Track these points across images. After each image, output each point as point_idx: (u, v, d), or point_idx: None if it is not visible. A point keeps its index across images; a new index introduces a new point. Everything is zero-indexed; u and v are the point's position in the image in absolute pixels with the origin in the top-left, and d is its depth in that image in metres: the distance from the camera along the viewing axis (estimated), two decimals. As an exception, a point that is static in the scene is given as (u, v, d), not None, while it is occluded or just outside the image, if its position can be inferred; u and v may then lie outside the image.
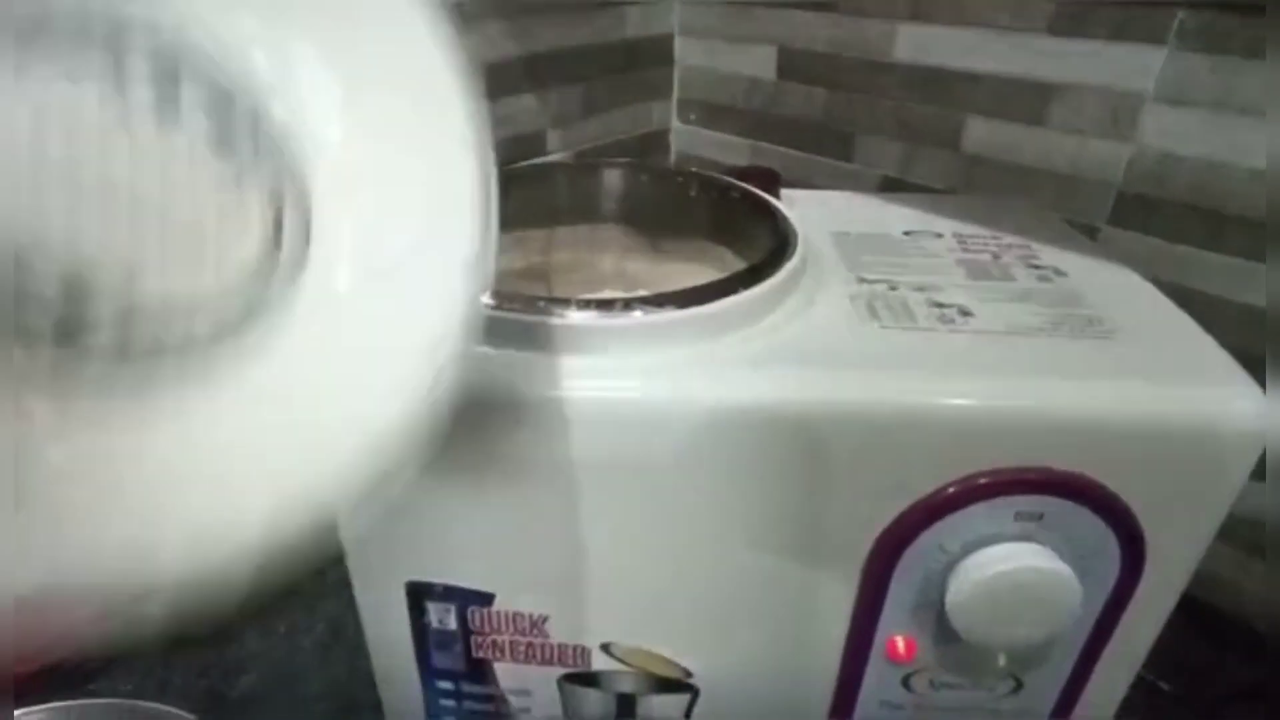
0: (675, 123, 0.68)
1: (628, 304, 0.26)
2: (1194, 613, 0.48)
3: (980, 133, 0.51)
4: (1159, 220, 0.45)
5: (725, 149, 0.65)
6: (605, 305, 0.26)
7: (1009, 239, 0.35)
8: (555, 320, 0.26)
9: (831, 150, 0.59)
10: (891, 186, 0.56)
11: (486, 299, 0.26)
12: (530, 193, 0.38)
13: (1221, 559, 0.47)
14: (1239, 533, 0.47)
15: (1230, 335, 0.27)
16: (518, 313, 0.26)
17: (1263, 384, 0.25)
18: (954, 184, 0.53)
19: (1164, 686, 0.44)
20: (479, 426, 0.26)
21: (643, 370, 0.25)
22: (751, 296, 0.27)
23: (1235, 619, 0.48)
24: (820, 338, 0.27)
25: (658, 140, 0.68)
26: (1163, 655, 0.41)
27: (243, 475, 0.16)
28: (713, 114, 0.66)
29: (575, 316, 0.26)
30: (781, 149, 0.61)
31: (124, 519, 0.15)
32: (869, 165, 0.57)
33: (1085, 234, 0.38)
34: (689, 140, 0.68)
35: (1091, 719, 0.32)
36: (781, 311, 0.28)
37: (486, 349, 0.26)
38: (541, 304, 0.26)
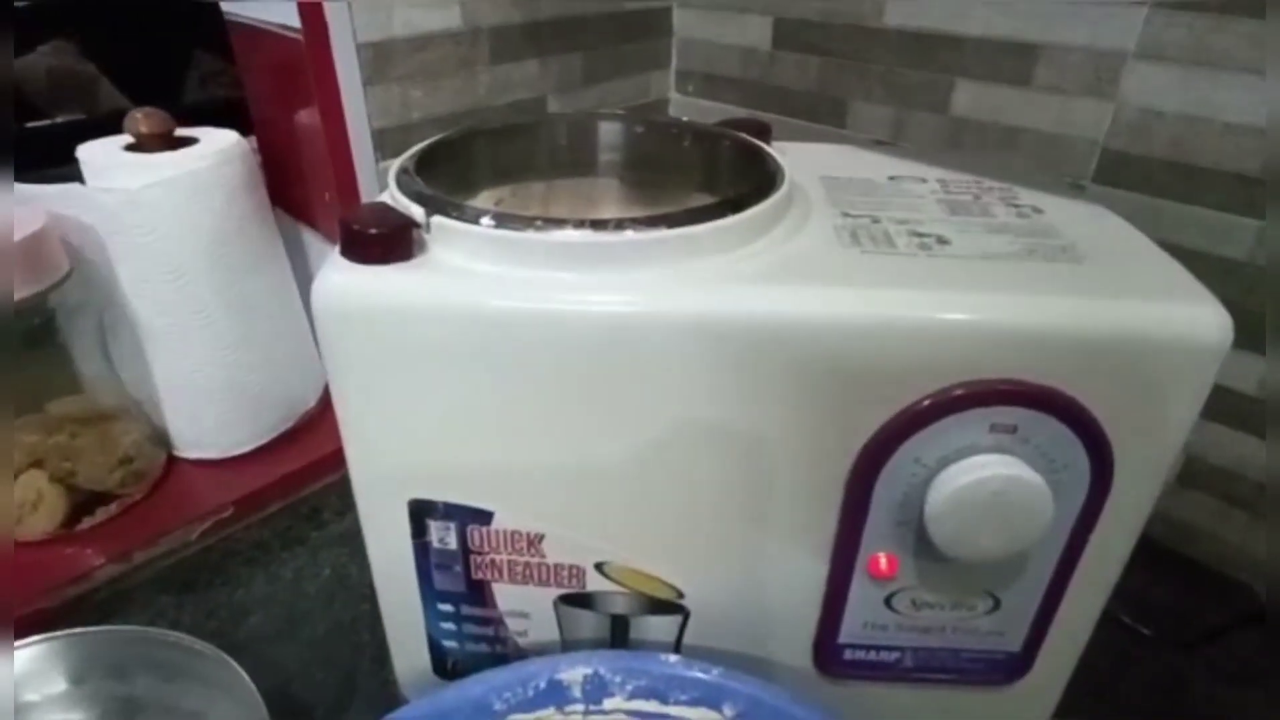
0: (673, 93, 0.69)
1: (620, 223, 0.27)
2: (1172, 562, 0.49)
3: (968, 95, 0.52)
4: (1141, 176, 0.46)
5: (722, 117, 0.66)
6: (599, 224, 0.27)
7: (991, 184, 0.36)
8: (552, 238, 0.27)
9: (826, 117, 0.60)
10: (883, 151, 0.57)
11: (486, 219, 0.27)
12: (528, 145, 0.39)
13: (1199, 508, 0.49)
14: (1215, 482, 0.48)
15: (1212, 287, 0.28)
16: (517, 230, 0.27)
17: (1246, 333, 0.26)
18: (943, 147, 0.54)
19: (1144, 631, 0.45)
20: (477, 342, 0.27)
21: (635, 286, 0.27)
22: (739, 220, 0.28)
23: (1209, 567, 0.49)
24: (804, 260, 0.28)
25: (656, 110, 0.69)
26: (1143, 600, 0.42)
27: None
28: (710, 84, 0.67)
29: (571, 234, 0.27)
30: (777, 117, 0.63)
31: None
32: (861, 130, 0.58)
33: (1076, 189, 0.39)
34: (687, 110, 0.69)
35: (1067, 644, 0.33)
36: (767, 238, 0.29)
37: (487, 266, 0.27)
38: (539, 223, 0.27)
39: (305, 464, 0.54)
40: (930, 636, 0.33)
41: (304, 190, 0.54)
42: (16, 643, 0.37)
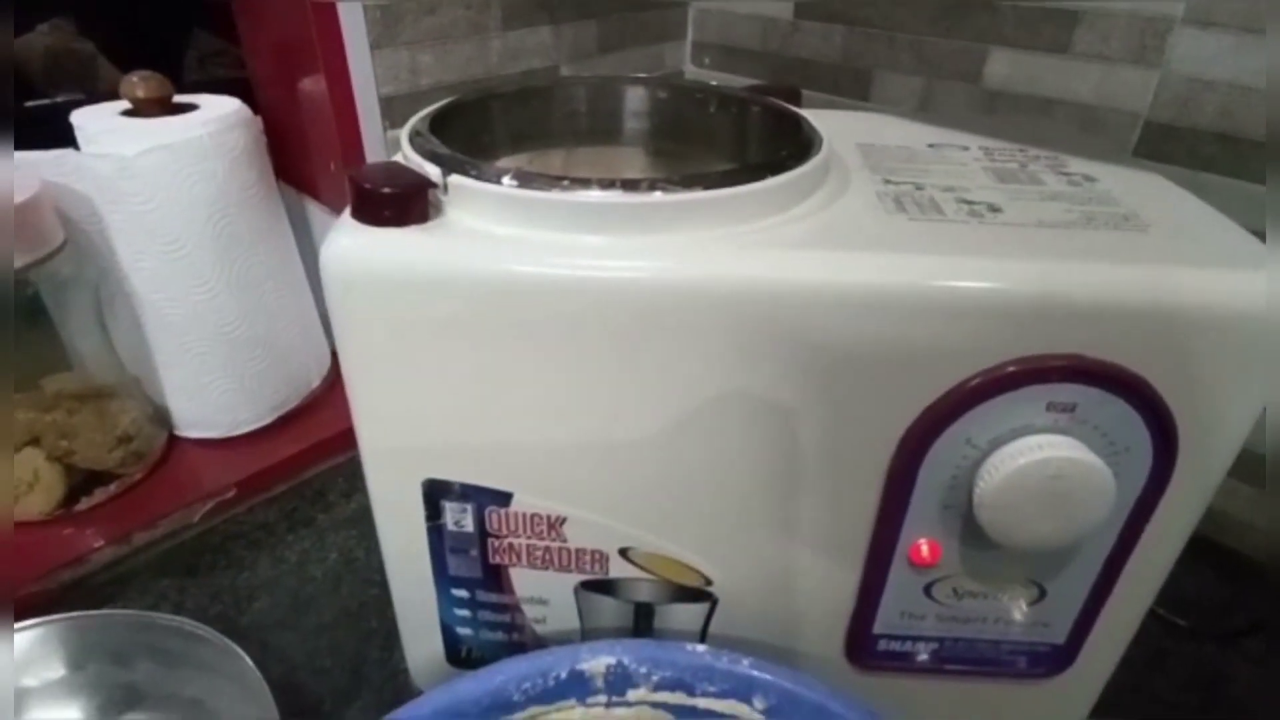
0: (689, 65, 0.67)
1: (652, 184, 0.25)
2: (1207, 550, 0.47)
3: (1002, 64, 0.50)
4: (1186, 149, 0.44)
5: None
6: (630, 184, 0.25)
7: (1036, 150, 0.34)
8: (580, 198, 0.25)
9: (849, 89, 0.58)
10: (910, 124, 0.55)
11: (508, 179, 0.25)
12: (547, 110, 0.37)
13: (1236, 495, 0.47)
14: (1254, 469, 0.46)
15: None
16: (541, 190, 0.25)
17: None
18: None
19: (1180, 623, 0.44)
20: (498, 311, 0.25)
21: (667, 251, 0.25)
22: (778, 183, 0.26)
23: (1246, 556, 0.47)
24: (847, 227, 0.27)
25: (671, 83, 0.67)
26: (1180, 591, 0.41)
27: None
28: (728, 56, 0.65)
29: (600, 195, 0.25)
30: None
31: None
32: (888, 103, 0.56)
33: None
34: (703, 84, 0.67)
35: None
36: (806, 203, 0.28)
37: (508, 229, 0.25)
38: (566, 183, 0.25)
39: (311, 444, 0.52)
40: (971, 627, 0.31)
41: (309, 161, 0.52)
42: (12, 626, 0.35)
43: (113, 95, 0.46)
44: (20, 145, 0.37)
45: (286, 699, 0.36)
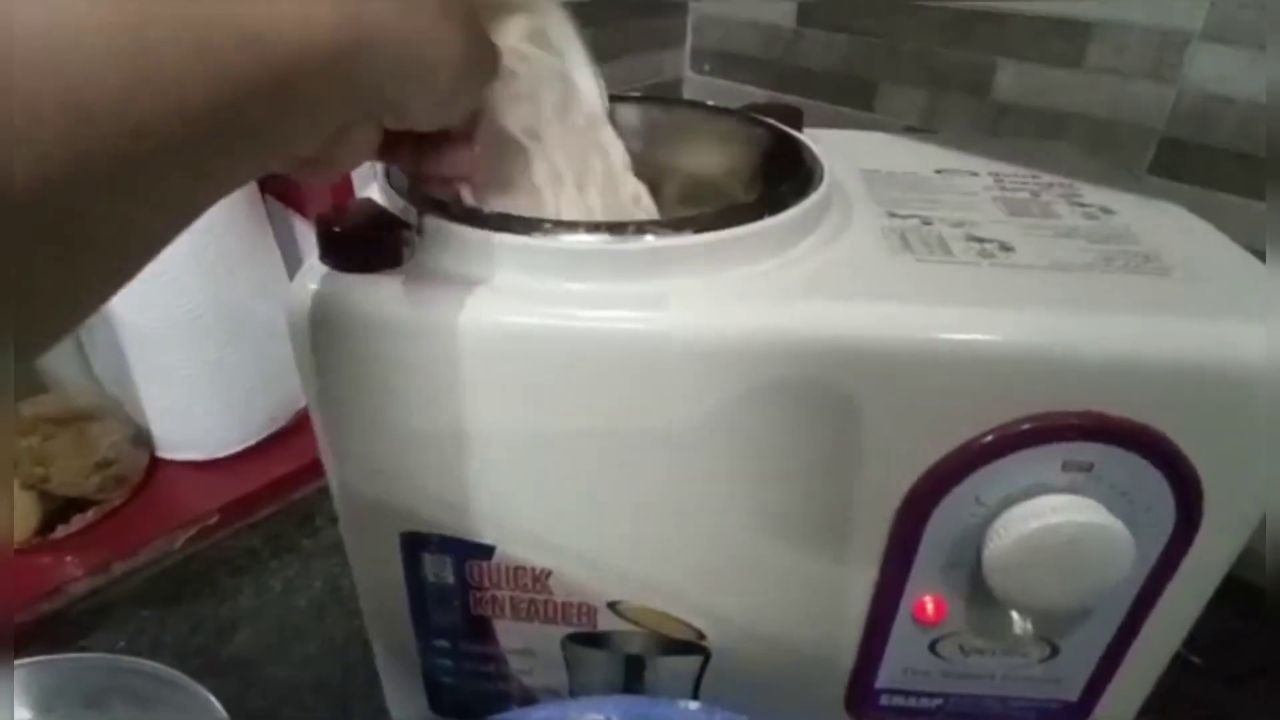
0: (688, 72, 0.65)
1: (640, 227, 0.23)
2: (1225, 585, 0.46)
3: (1011, 77, 0.48)
4: (1203, 168, 0.42)
5: (741, 100, 0.62)
6: (616, 229, 0.23)
7: (1049, 178, 0.33)
8: (564, 243, 0.23)
9: (852, 100, 0.56)
10: (915, 137, 0.53)
11: (491, 221, 0.24)
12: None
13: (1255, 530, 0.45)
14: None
15: None
16: (523, 234, 0.23)
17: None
18: (982, 133, 0.50)
19: (1194, 660, 0.42)
20: (477, 362, 0.24)
21: (657, 299, 0.23)
22: (774, 224, 0.25)
23: (1260, 590, 0.46)
24: (849, 270, 0.25)
25: (670, 91, 0.65)
26: (1195, 627, 0.39)
27: None
28: (728, 63, 0.63)
29: (586, 240, 0.23)
30: (799, 99, 0.59)
31: None
32: (892, 115, 0.54)
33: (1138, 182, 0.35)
34: (703, 91, 0.65)
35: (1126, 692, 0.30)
36: (806, 243, 0.26)
37: (488, 275, 0.24)
38: (547, 226, 0.23)
39: (297, 466, 0.51)
40: (977, 683, 0.30)
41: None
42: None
43: None
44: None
45: (270, 734, 0.35)
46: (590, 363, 0.23)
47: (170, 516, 0.47)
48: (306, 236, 0.53)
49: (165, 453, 0.50)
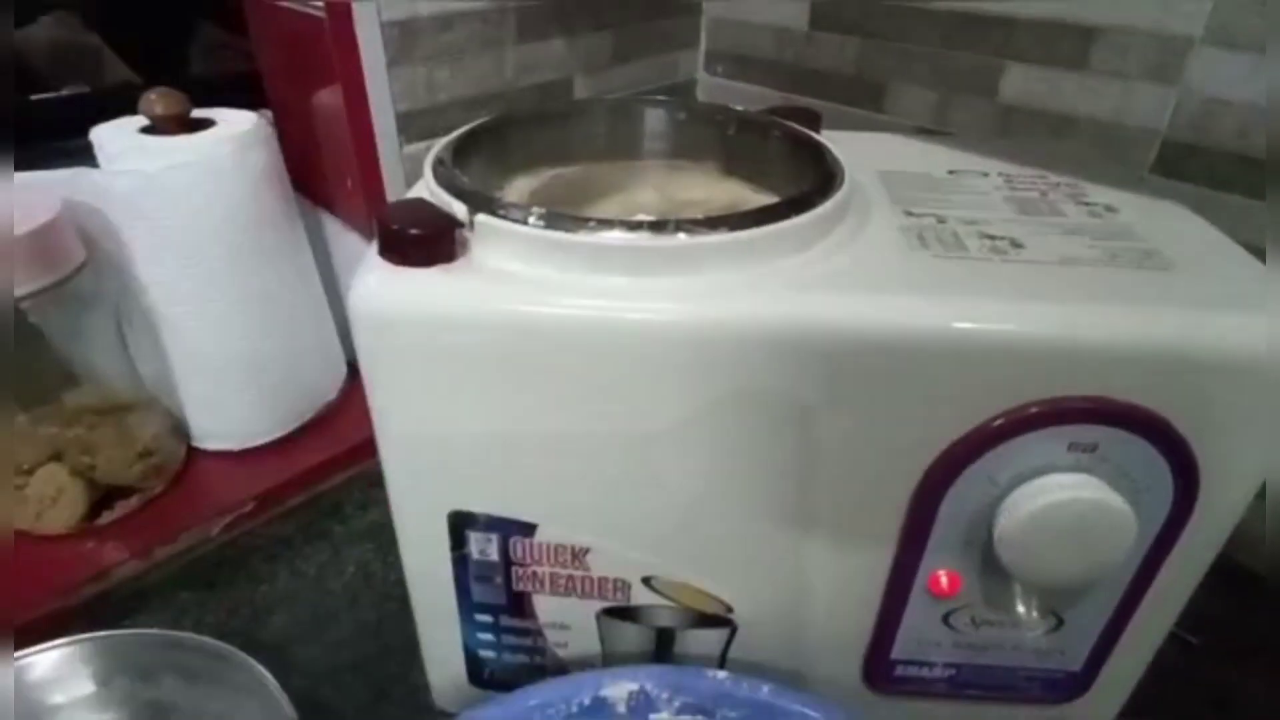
0: (702, 73, 0.67)
1: (678, 226, 0.25)
2: (1223, 567, 0.48)
3: (1018, 79, 0.49)
4: (1203, 169, 0.44)
5: (753, 102, 0.64)
6: (656, 226, 0.25)
7: (1056, 178, 0.34)
8: (605, 239, 0.25)
9: (863, 102, 0.58)
10: (925, 138, 0.55)
11: (535, 219, 0.26)
12: (566, 131, 0.38)
13: (1253, 512, 0.47)
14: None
15: None
16: (565, 232, 0.25)
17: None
18: (990, 134, 0.52)
19: (1192, 640, 0.44)
20: (524, 350, 0.26)
21: (690, 293, 0.25)
22: (800, 223, 0.26)
23: (1257, 573, 0.47)
24: (871, 265, 0.27)
25: (684, 91, 0.67)
26: (1189, 608, 0.41)
27: None
28: (741, 65, 0.65)
29: (626, 236, 0.25)
30: (812, 100, 0.60)
31: None
32: (902, 116, 0.56)
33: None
34: (716, 92, 0.67)
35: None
36: (829, 240, 0.28)
37: (533, 269, 0.26)
38: (592, 224, 0.25)
39: (327, 457, 0.53)
40: (987, 654, 0.32)
41: (324, 177, 0.52)
42: (42, 645, 0.36)
43: (120, 89, 0.46)
44: (28, 139, 0.35)
45: (309, 713, 0.36)
46: (627, 350, 0.25)
47: (207, 504, 0.49)
48: (335, 233, 0.55)
49: (201, 443, 0.52)
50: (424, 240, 0.25)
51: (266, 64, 0.54)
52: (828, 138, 0.37)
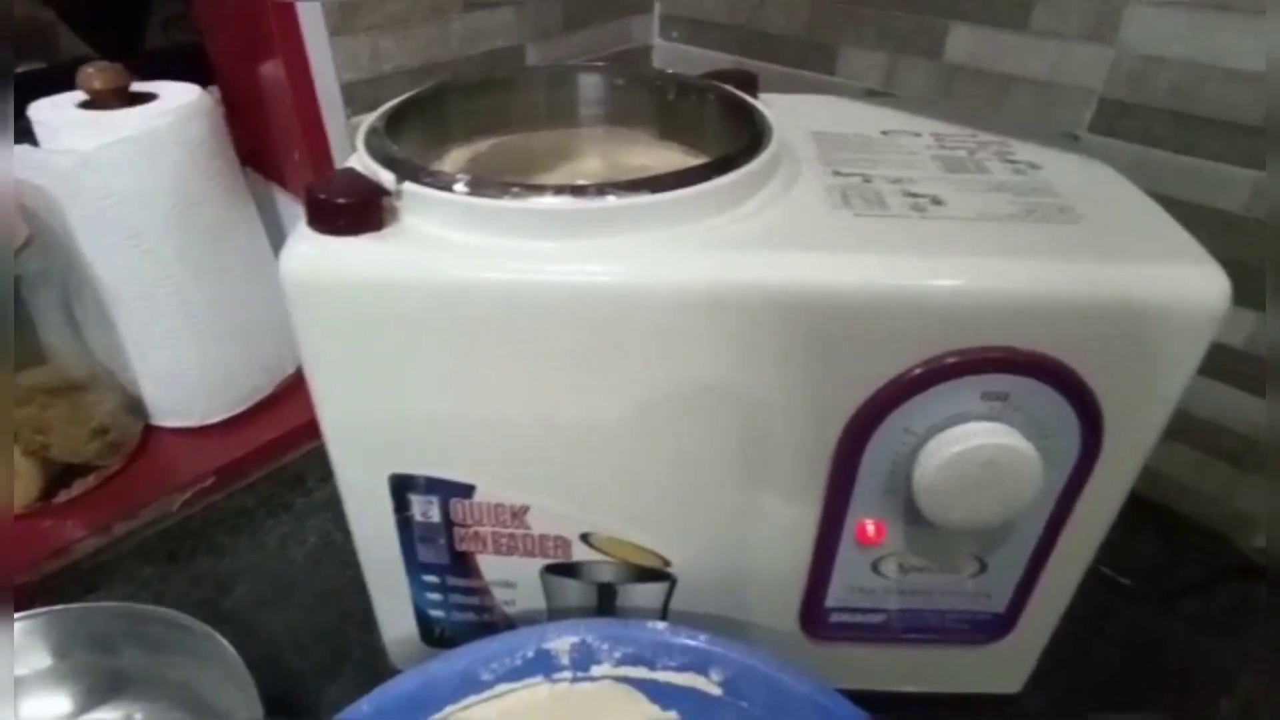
0: (657, 39, 0.67)
1: (601, 189, 0.26)
2: (1153, 514, 0.50)
3: (962, 40, 0.50)
4: (1139, 126, 0.45)
5: (709, 66, 0.64)
6: (579, 190, 0.26)
7: (986, 137, 0.35)
8: (530, 205, 0.26)
9: (815, 64, 0.58)
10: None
11: (460, 186, 0.26)
12: (504, 100, 0.38)
13: (1182, 460, 0.49)
14: (1199, 435, 0.48)
15: (1205, 241, 0.27)
16: (493, 198, 0.26)
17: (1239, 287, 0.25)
18: (936, 95, 0.52)
19: (1124, 582, 0.46)
20: (453, 315, 0.26)
21: (618, 254, 0.26)
22: (724, 183, 0.27)
23: (1190, 519, 0.49)
24: (792, 224, 0.27)
25: (639, 57, 0.66)
26: (1122, 552, 0.43)
27: None
28: (696, 30, 0.64)
29: (550, 201, 0.26)
30: (765, 64, 0.60)
31: None
32: (852, 78, 0.56)
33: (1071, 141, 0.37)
34: (671, 57, 0.67)
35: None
36: (754, 200, 0.28)
37: (461, 235, 0.26)
38: (516, 189, 0.26)
39: (287, 430, 0.53)
40: (916, 599, 0.33)
41: (273, 148, 0.52)
42: (-3, 620, 0.36)
43: (75, 65, 0.45)
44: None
45: (271, 678, 0.37)
46: (557, 312, 0.26)
47: (167, 480, 0.49)
48: (287, 207, 0.54)
49: (160, 420, 0.52)
50: (350, 209, 0.26)
51: (210, 37, 0.53)
52: (765, 100, 0.37)
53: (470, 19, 0.53)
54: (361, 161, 0.29)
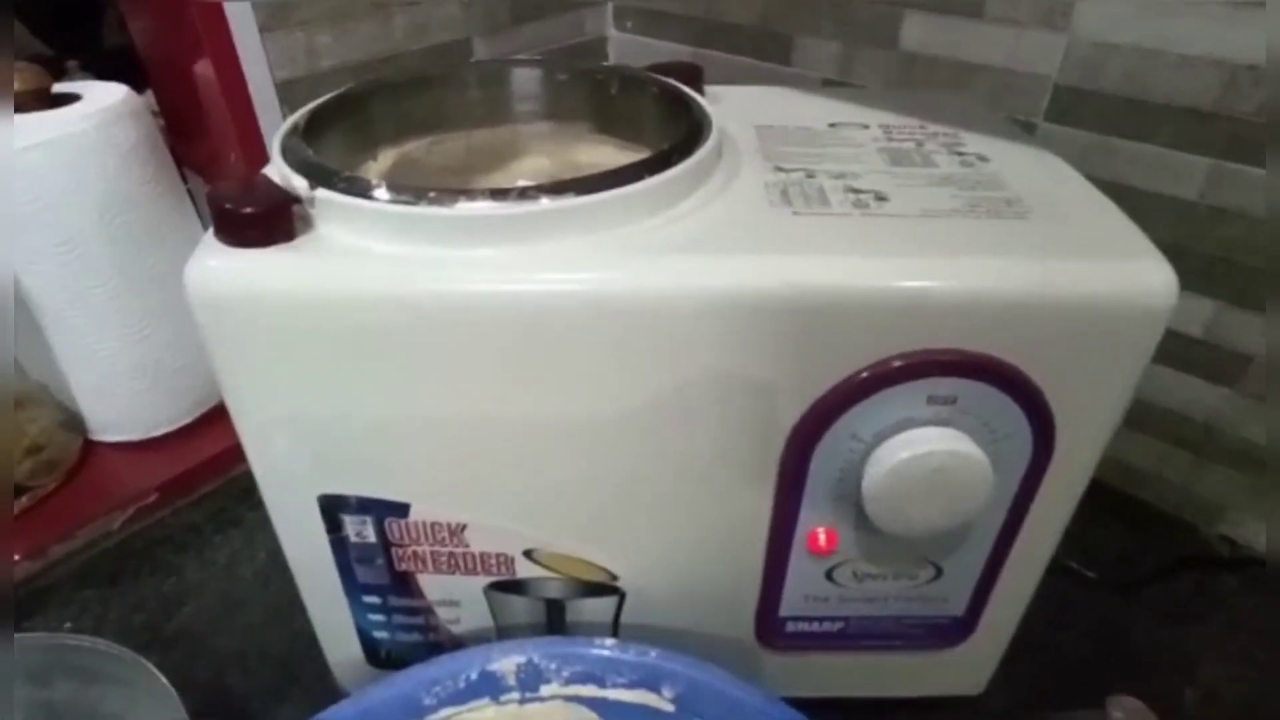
0: (611, 31, 0.65)
1: (524, 192, 0.24)
2: (1116, 503, 0.49)
3: (918, 29, 0.49)
4: (1093, 113, 0.44)
5: (666, 57, 0.63)
6: (501, 194, 0.24)
7: (935, 128, 0.34)
8: (451, 211, 0.24)
9: (771, 55, 0.57)
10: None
11: (381, 192, 0.25)
12: (439, 97, 0.36)
13: (1144, 450, 0.49)
14: (1160, 424, 0.48)
15: (1162, 229, 0.26)
16: (411, 204, 0.24)
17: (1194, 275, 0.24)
18: (893, 84, 0.51)
19: (1088, 574, 0.45)
20: (372, 329, 0.25)
21: (545, 261, 0.24)
22: (657, 183, 0.26)
23: (1154, 508, 0.49)
24: (729, 225, 0.26)
25: (594, 50, 0.65)
26: (1086, 543, 0.42)
27: None
28: (650, 20, 0.63)
29: (472, 206, 0.24)
30: (722, 55, 0.59)
31: None
32: (808, 68, 0.55)
33: (1023, 130, 0.37)
34: (628, 49, 0.65)
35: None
36: (691, 199, 0.27)
37: (380, 244, 0.25)
38: (434, 194, 0.24)
39: (235, 442, 0.51)
40: (873, 606, 0.32)
41: (209, 150, 0.50)
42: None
43: (29, 60, 0.43)
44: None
45: (216, 700, 0.36)
46: (481, 326, 0.24)
47: (107, 498, 0.48)
48: (227, 211, 0.52)
49: (100, 435, 0.50)
50: (258, 219, 0.24)
51: (139, 37, 0.51)
52: (711, 94, 0.36)
53: (414, 12, 0.51)
54: (276, 167, 0.27)
